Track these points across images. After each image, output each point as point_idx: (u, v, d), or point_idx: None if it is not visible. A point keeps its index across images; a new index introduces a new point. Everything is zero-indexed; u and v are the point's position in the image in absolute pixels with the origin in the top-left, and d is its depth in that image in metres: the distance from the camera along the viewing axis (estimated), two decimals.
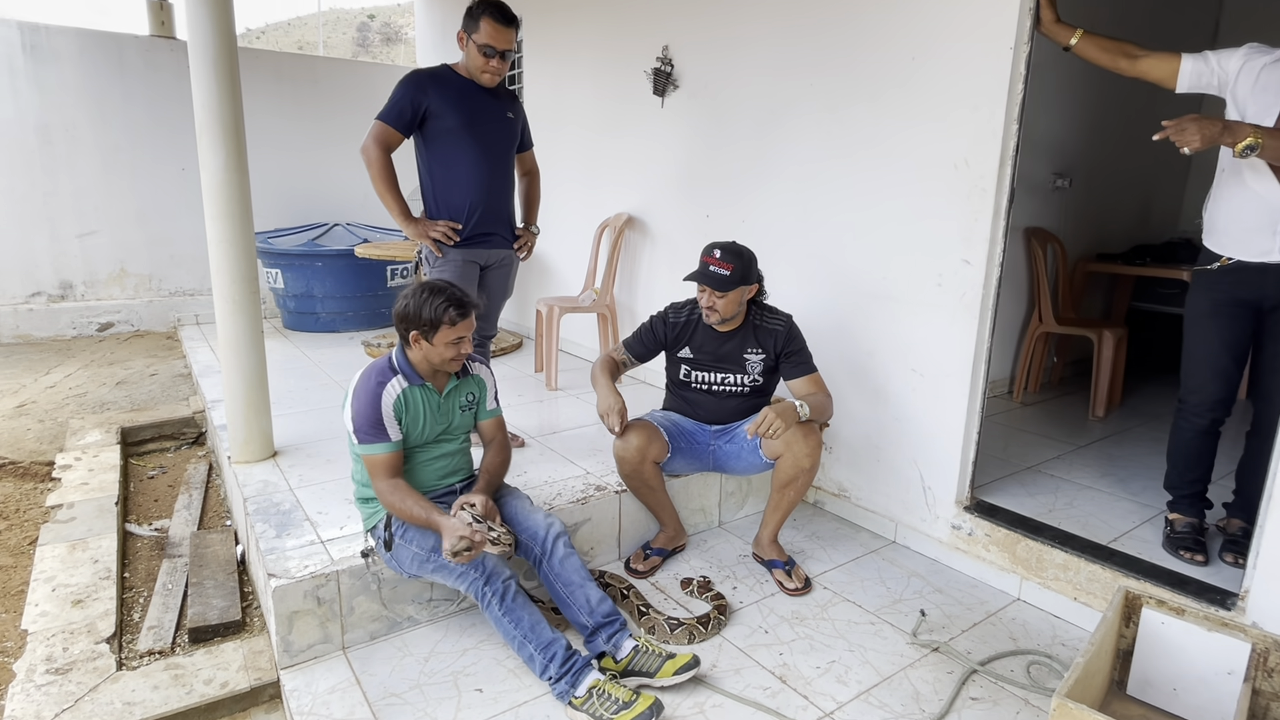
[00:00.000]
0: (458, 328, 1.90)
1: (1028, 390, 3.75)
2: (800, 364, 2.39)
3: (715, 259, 2.27)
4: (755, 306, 2.42)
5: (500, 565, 1.88)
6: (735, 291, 2.29)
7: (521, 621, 1.83)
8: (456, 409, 2.07)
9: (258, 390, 2.67)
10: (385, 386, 1.92)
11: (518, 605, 1.85)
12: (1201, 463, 2.22)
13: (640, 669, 1.84)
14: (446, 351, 1.92)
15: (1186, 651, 1.72)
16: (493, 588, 1.85)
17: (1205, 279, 2.14)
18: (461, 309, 1.90)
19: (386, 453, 1.90)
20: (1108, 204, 4.06)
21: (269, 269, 5.07)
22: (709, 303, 2.31)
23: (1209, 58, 2.02)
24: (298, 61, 6.08)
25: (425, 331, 1.90)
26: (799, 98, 2.82)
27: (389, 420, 1.91)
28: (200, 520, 2.82)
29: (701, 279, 2.29)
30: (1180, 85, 2.07)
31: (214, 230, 2.52)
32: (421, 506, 1.87)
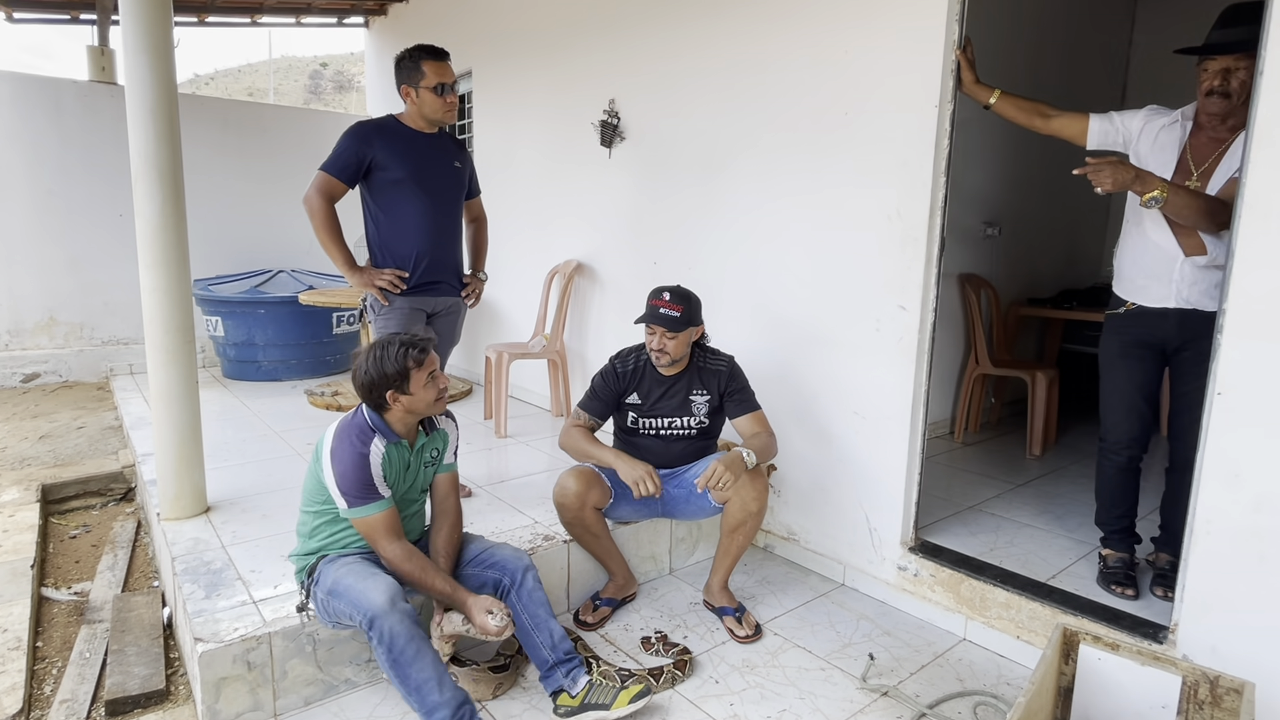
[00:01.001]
0: (425, 366, 1.86)
1: (968, 430, 3.86)
2: (743, 402, 2.42)
3: (665, 301, 2.32)
4: (698, 348, 2.46)
5: (389, 604, 1.70)
6: (685, 333, 2.34)
7: (409, 679, 1.69)
8: (423, 466, 2.01)
9: (190, 443, 2.57)
10: (370, 445, 1.84)
11: (406, 659, 1.69)
12: (1126, 498, 2.31)
13: (595, 702, 1.86)
14: (428, 394, 1.87)
15: (1123, 687, 1.75)
16: (376, 632, 1.69)
17: (1114, 323, 2.26)
18: (420, 349, 1.86)
19: (383, 512, 1.83)
20: (1035, 251, 4.27)
21: (209, 316, 4.94)
22: (660, 345, 2.33)
23: (1114, 118, 2.18)
24: (244, 109, 6.04)
25: (398, 385, 1.83)
26: (741, 150, 2.92)
27: (379, 480, 1.84)
28: (125, 582, 2.67)
29: (653, 320, 2.32)
30: (1090, 143, 2.22)
31: (148, 279, 2.45)
32: (446, 581, 1.84)
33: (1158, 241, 2.11)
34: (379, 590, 1.73)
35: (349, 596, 1.75)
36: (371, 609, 1.70)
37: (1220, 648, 1.81)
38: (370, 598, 1.72)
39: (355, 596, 1.74)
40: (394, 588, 1.76)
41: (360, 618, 1.72)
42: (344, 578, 1.80)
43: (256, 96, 30.07)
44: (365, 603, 1.71)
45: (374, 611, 1.70)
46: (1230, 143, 2.01)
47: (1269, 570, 1.72)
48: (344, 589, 1.77)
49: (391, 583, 1.77)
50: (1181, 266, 2.08)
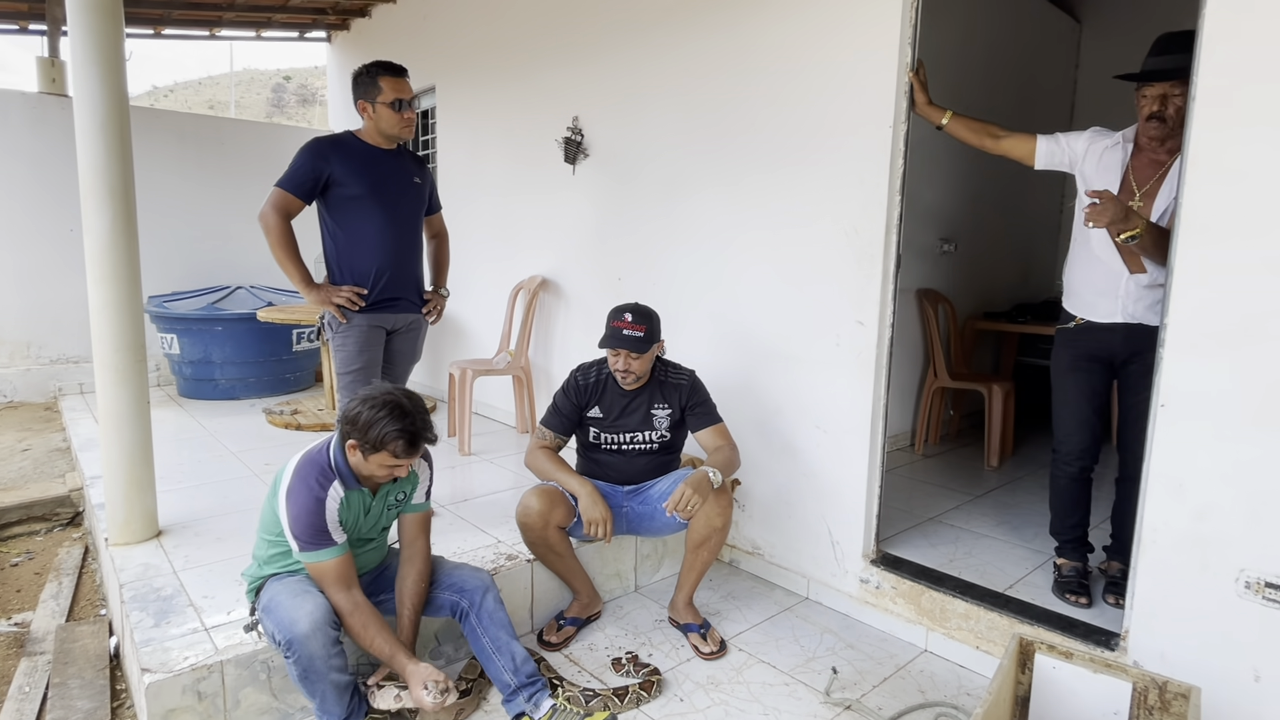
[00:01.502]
0: (399, 461, 1.77)
1: (928, 442, 3.93)
2: (705, 415, 2.44)
3: (627, 322, 2.31)
4: (659, 362, 2.48)
5: (310, 629, 1.68)
6: (650, 351, 2.34)
7: (318, 693, 1.72)
8: (385, 509, 1.95)
9: (141, 465, 2.50)
10: (329, 490, 1.78)
11: (315, 677, 1.70)
12: (1079, 508, 2.37)
13: None
14: (378, 472, 1.80)
15: (1077, 694, 1.79)
16: (294, 654, 1.68)
17: (1064, 337, 2.33)
18: (412, 446, 1.76)
19: (336, 558, 1.78)
20: (990, 266, 4.38)
21: (164, 334, 4.81)
22: (625, 366, 2.33)
23: (1060, 139, 2.26)
24: (202, 122, 5.93)
25: (364, 448, 1.76)
26: (703, 168, 2.95)
27: (334, 527, 1.78)
28: (70, 611, 2.57)
29: (618, 343, 2.31)
30: (1038, 163, 2.29)
31: (97, 295, 2.39)
32: (388, 643, 1.78)
33: (1104, 259, 2.18)
34: (305, 613, 1.69)
35: (275, 614, 1.72)
36: (292, 631, 1.67)
37: (1169, 653, 1.86)
38: (294, 617, 1.69)
39: (281, 615, 1.70)
40: (322, 611, 1.72)
41: (281, 637, 1.69)
42: (278, 594, 1.76)
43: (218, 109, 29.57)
44: (288, 622, 1.68)
45: (294, 635, 1.67)
46: (1169, 165, 2.09)
47: (1212, 577, 1.78)
48: (274, 606, 1.74)
49: (322, 604, 1.73)
50: (1126, 283, 2.15)
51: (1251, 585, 1.72)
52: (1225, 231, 1.70)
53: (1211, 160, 1.71)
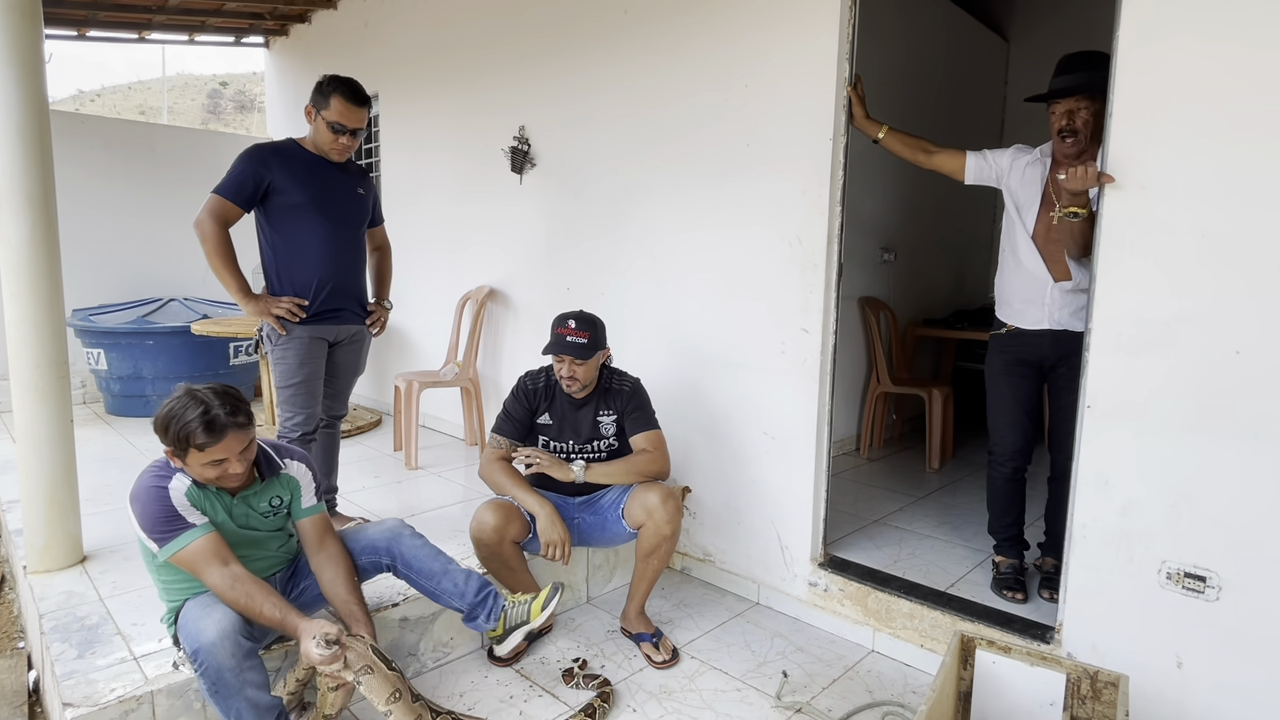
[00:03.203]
0: (208, 452, 1.63)
1: (872, 446, 4.02)
2: (639, 420, 2.42)
3: (571, 329, 2.30)
4: (605, 370, 2.47)
5: (218, 637, 1.58)
6: (594, 358, 2.34)
7: (232, 710, 1.61)
8: (257, 516, 1.84)
9: (64, 487, 2.37)
10: (170, 480, 1.69)
11: (228, 691, 1.59)
12: (1014, 507, 2.46)
13: (517, 621, 2.00)
14: (206, 473, 1.67)
15: (1015, 687, 1.85)
16: (200, 664, 1.58)
17: (997, 343, 2.44)
18: (212, 430, 1.61)
19: (200, 537, 1.65)
20: (928, 275, 4.53)
21: (90, 349, 4.60)
22: (569, 373, 2.32)
23: (986, 155, 2.36)
24: (131, 129, 5.70)
25: (177, 452, 1.65)
26: (649, 178, 2.98)
27: (185, 509, 1.67)
28: None
29: (562, 350, 2.30)
30: (967, 178, 2.39)
31: (14, 309, 2.27)
32: (276, 607, 1.63)
33: (1030, 269, 2.28)
34: (212, 621, 1.59)
35: (186, 627, 1.63)
36: (199, 640, 1.57)
37: (1099, 644, 1.94)
38: (200, 627, 1.59)
39: (189, 626, 1.61)
40: (230, 620, 1.61)
41: (188, 648, 1.60)
42: (189, 609, 1.67)
43: (149, 115, 28.48)
44: (195, 632, 1.59)
45: (200, 643, 1.57)
46: None
47: (1137, 570, 1.86)
48: (185, 621, 1.65)
49: (226, 615, 1.62)
50: (1051, 291, 2.25)
51: (1172, 576, 1.81)
52: (1141, 240, 1.80)
53: (1127, 172, 1.81)
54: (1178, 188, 1.74)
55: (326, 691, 1.72)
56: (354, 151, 2.56)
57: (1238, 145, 1.66)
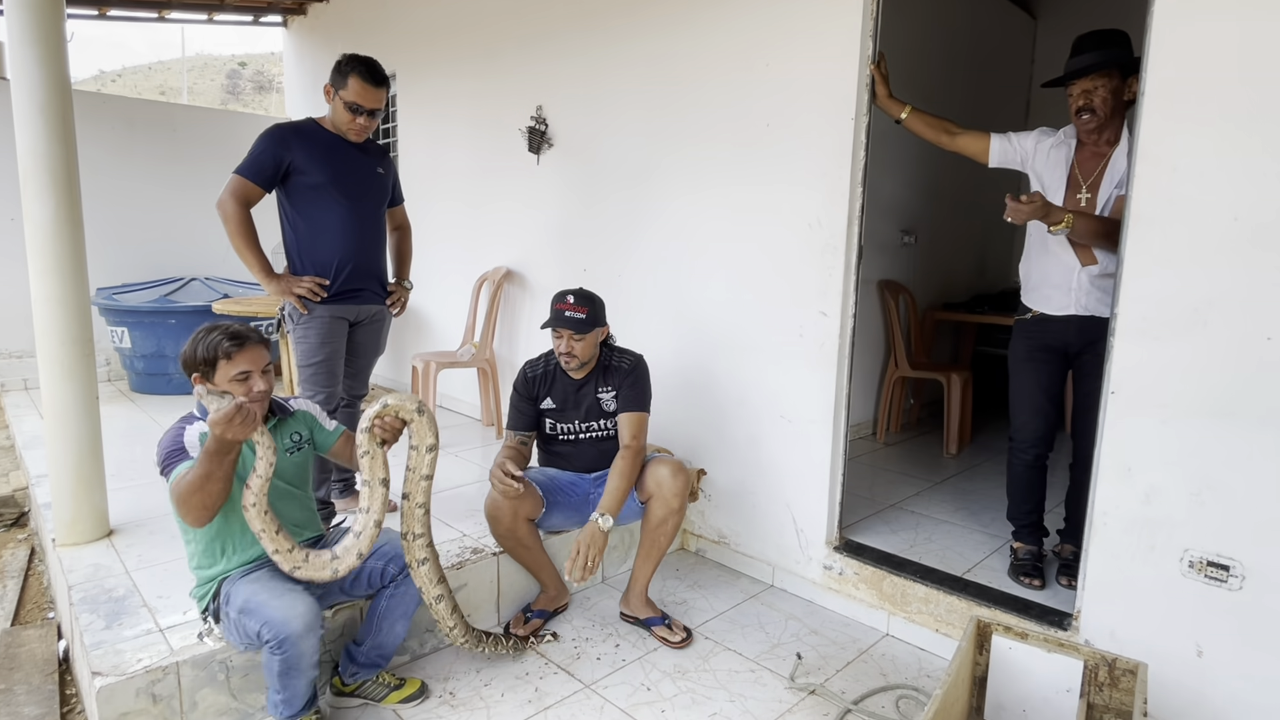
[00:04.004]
0: (235, 361, 1.74)
1: (889, 431, 4.00)
2: (631, 399, 2.39)
3: (569, 304, 2.32)
4: (606, 348, 2.47)
5: (305, 629, 1.67)
6: (592, 334, 2.34)
7: (288, 688, 1.74)
8: (282, 453, 1.89)
9: (90, 462, 2.42)
10: (189, 425, 1.77)
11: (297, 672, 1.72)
12: (1034, 494, 2.44)
13: (367, 695, 1.98)
14: (235, 388, 1.75)
15: (1031, 673, 1.84)
16: (284, 651, 1.67)
17: (1021, 329, 2.40)
18: (237, 340, 1.76)
19: (189, 466, 1.68)
20: (949, 258, 4.47)
21: (114, 327, 4.66)
22: (567, 348, 2.33)
23: (1012, 138, 2.33)
24: (152, 108, 5.73)
25: (205, 372, 1.75)
26: (667, 158, 2.95)
27: (192, 446, 1.72)
28: (16, 615, 2.49)
29: (560, 324, 2.32)
30: (991, 161, 2.35)
31: (40, 288, 2.30)
32: (196, 463, 1.64)
33: (1058, 254, 2.25)
34: (298, 614, 1.67)
35: (262, 614, 1.68)
36: (286, 629, 1.65)
37: (1118, 631, 1.93)
38: (287, 617, 1.66)
39: (270, 614, 1.67)
40: (313, 610, 1.71)
41: (270, 635, 1.66)
42: (257, 594, 1.72)
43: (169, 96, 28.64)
44: (280, 621, 1.66)
45: (288, 634, 1.65)
46: (1110, 156, 2.17)
47: (1158, 558, 1.84)
48: (256, 606, 1.69)
49: (311, 603, 1.72)
50: (1079, 276, 2.21)
51: (1195, 565, 1.79)
52: (1171, 223, 1.76)
53: (1158, 153, 1.76)
54: (1210, 170, 1.70)
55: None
56: (372, 131, 2.56)
57: (1274, 127, 1.61)
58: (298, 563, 1.76)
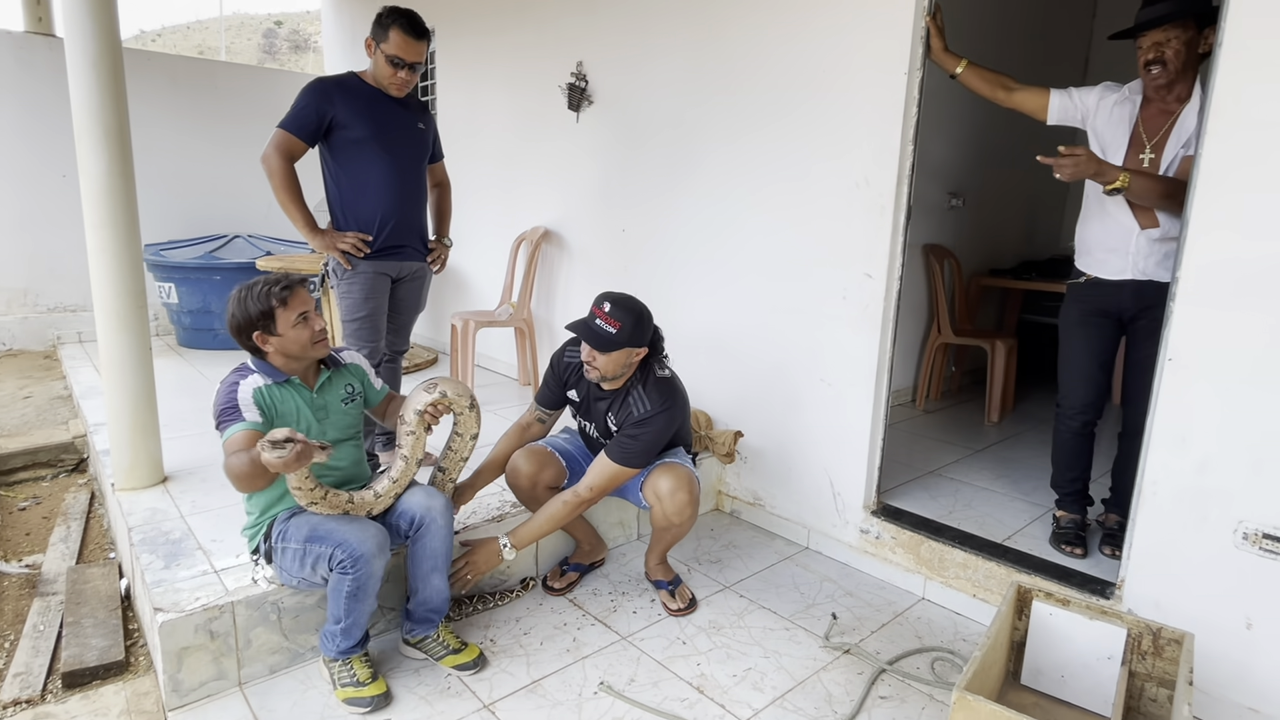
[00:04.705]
0: (291, 305, 1.78)
1: (929, 398, 3.94)
2: (617, 446, 2.08)
3: (604, 313, 2.01)
4: (641, 374, 2.13)
5: (377, 550, 1.76)
6: (619, 354, 2.03)
7: (352, 612, 1.80)
8: (337, 403, 1.95)
9: (145, 411, 2.50)
10: (243, 380, 1.80)
11: (363, 596, 1.78)
12: (1079, 462, 2.39)
13: (427, 651, 2.00)
14: (300, 333, 1.80)
15: (1072, 640, 1.83)
16: (357, 570, 1.73)
17: (1074, 293, 2.33)
18: (284, 286, 1.80)
19: (242, 431, 1.72)
20: (997, 223, 4.34)
21: (162, 283, 4.77)
22: (589, 357, 2.06)
23: (1072, 94, 2.23)
24: (195, 66, 5.78)
25: (265, 326, 1.78)
26: (709, 115, 2.89)
27: (246, 405, 1.76)
28: (79, 554, 2.61)
29: (581, 332, 2.04)
30: (1050, 118, 2.26)
31: (95, 240, 2.35)
32: (244, 451, 1.66)
33: (1116, 217, 2.16)
34: (369, 535, 1.77)
35: (334, 537, 1.74)
36: (361, 549, 1.73)
37: (1163, 602, 1.90)
38: (360, 538, 1.75)
39: (343, 536, 1.74)
40: (383, 534, 1.80)
41: (344, 555, 1.73)
42: (325, 522, 1.79)
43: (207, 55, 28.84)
44: (354, 543, 1.74)
45: (363, 553, 1.73)
46: (1178, 114, 2.07)
47: (1210, 529, 1.80)
48: (327, 531, 1.76)
49: (379, 528, 1.81)
50: (1137, 239, 2.13)
51: (1249, 536, 1.74)
52: (1245, 182, 1.68)
53: (1235, 109, 1.68)
54: None
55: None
56: (413, 86, 2.54)
57: None
58: (347, 508, 1.83)
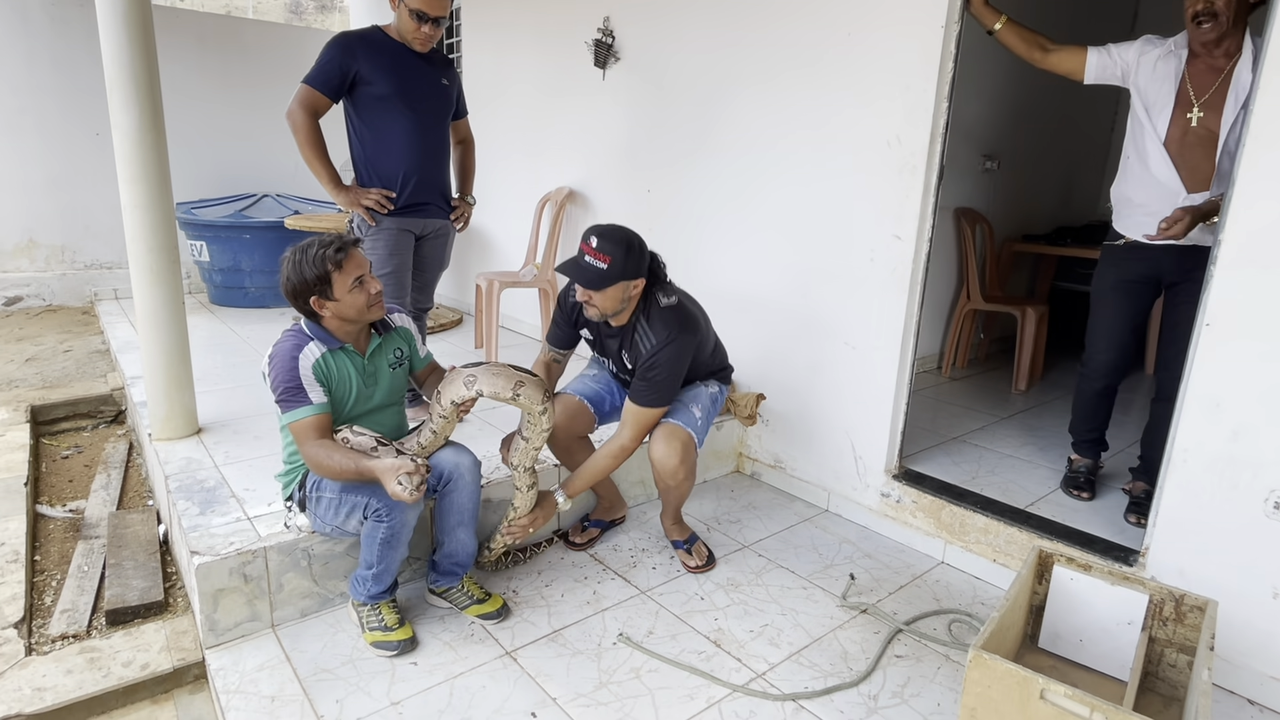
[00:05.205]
0: (346, 269, 1.78)
1: (955, 366, 3.89)
2: (639, 392, 2.04)
3: (592, 248, 1.92)
4: (645, 305, 2.06)
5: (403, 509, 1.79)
6: (614, 289, 1.95)
7: (384, 559, 1.85)
8: (385, 369, 1.97)
9: (179, 364, 2.56)
10: (302, 349, 1.81)
11: (395, 544, 1.83)
12: (1099, 416, 2.41)
13: (452, 600, 2.05)
14: (356, 298, 1.80)
15: (1092, 605, 1.82)
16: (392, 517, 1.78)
17: (1110, 255, 2.27)
18: (339, 249, 1.78)
19: (312, 416, 1.78)
20: (1033, 187, 4.22)
21: (193, 241, 4.84)
22: (584, 297, 1.99)
23: (1111, 50, 2.15)
24: (224, 24, 5.78)
25: (322, 290, 1.78)
26: (738, 72, 2.83)
27: (309, 383, 1.79)
28: (119, 501, 2.70)
29: (570, 272, 1.96)
30: (1087, 77, 2.18)
31: (128, 195, 2.39)
32: (349, 457, 1.75)
33: (1161, 178, 2.09)
34: None
35: (370, 488, 1.77)
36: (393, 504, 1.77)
37: (1188, 570, 1.88)
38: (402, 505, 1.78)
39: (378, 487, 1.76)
40: None
41: (380, 504, 1.77)
42: None
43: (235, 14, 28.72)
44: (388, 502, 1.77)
45: (398, 502, 1.75)
46: (1229, 69, 1.98)
47: (1240, 497, 1.77)
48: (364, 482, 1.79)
49: None
50: (1184, 203, 2.06)
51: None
52: None
53: None
54: None
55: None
56: (437, 41, 2.52)
57: None
58: None
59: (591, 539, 2.43)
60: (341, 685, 1.75)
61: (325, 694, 1.72)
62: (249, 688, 1.73)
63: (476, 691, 1.74)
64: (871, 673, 1.86)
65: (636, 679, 1.80)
